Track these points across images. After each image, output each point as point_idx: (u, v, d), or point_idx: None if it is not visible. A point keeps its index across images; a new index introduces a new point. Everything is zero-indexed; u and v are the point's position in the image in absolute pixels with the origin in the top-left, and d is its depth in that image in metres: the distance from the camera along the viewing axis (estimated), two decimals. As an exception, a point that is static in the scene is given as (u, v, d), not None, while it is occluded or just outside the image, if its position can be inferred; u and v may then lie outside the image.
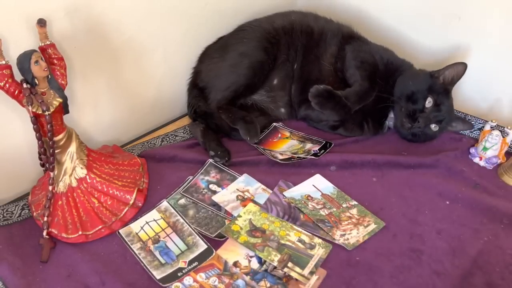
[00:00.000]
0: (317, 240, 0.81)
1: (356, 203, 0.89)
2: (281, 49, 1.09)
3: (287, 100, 1.12)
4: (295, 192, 0.91)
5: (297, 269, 0.75)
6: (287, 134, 1.10)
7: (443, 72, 1.01)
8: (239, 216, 0.84)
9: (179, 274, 0.74)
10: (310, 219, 0.86)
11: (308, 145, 1.05)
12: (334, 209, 0.88)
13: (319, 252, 0.79)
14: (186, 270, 0.75)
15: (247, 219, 0.84)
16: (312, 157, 0.98)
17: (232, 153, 0.99)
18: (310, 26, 1.11)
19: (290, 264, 0.76)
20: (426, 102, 0.99)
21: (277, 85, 1.11)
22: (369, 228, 0.84)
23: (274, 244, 0.79)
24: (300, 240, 0.81)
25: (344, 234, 0.83)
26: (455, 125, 1.06)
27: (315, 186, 0.92)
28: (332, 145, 1.04)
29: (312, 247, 0.80)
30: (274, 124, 1.12)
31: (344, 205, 0.89)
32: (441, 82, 1.01)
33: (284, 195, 0.90)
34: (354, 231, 0.84)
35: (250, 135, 1.00)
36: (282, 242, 0.80)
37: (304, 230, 0.83)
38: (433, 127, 1.01)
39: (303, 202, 0.89)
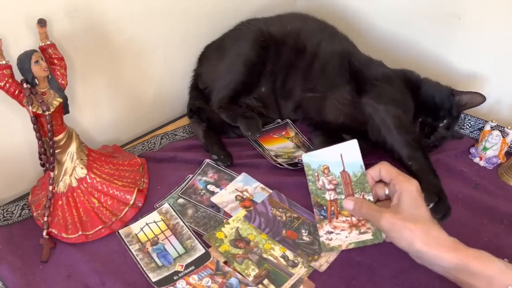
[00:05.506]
0: (300, 258, 0.77)
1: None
2: (269, 56, 1.07)
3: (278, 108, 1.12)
4: (315, 157, 0.78)
5: (272, 287, 0.72)
6: (292, 134, 1.09)
7: (463, 95, 1.00)
8: (227, 223, 0.82)
9: (175, 278, 0.73)
10: (291, 236, 0.81)
11: (299, 153, 1.02)
12: (342, 197, 0.77)
13: (301, 271, 0.75)
14: (182, 274, 0.74)
15: (235, 227, 0.81)
16: (290, 166, 0.95)
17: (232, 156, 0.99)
18: (303, 44, 1.06)
19: (265, 281, 0.73)
20: (443, 122, 0.98)
21: (265, 93, 1.10)
22: (361, 237, 0.74)
23: (255, 258, 0.76)
24: (283, 256, 0.77)
25: (331, 232, 0.76)
26: None
27: (342, 158, 0.78)
28: None
29: (294, 265, 0.76)
30: (287, 120, 1.11)
31: (356, 195, 0.78)
32: (457, 104, 1.00)
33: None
34: (344, 233, 0.75)
35: (251, 131, 0.99)
36: (264, 256, 0.76)
37: (283, 246, 0.78)
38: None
39: (316, 174, 0.78)
